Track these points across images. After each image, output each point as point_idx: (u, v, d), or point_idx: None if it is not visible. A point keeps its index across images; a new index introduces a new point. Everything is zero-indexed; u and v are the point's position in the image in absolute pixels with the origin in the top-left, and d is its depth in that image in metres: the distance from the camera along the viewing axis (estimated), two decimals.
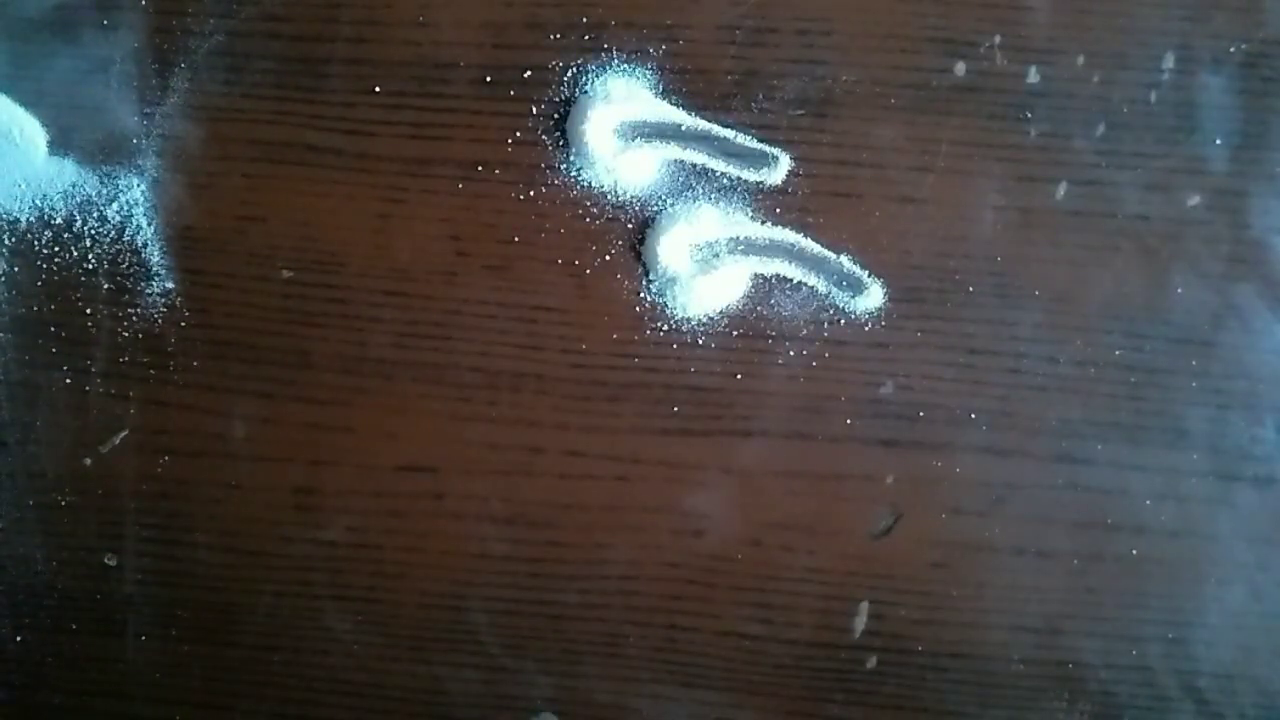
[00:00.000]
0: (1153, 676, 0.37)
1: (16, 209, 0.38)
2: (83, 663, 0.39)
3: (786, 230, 0.36)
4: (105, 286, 0.38)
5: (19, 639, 0.39)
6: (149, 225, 0.37)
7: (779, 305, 0.37)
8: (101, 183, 0.37)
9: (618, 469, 0.37)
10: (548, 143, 0.36)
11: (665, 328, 0.37)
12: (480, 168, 0.37)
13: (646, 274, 0.37)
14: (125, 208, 0.37)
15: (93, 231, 0.38)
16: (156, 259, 0.38)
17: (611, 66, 0.36)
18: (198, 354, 0.38)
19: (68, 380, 0.38)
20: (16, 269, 0.38)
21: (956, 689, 0.37)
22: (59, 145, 0.37)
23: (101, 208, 0.37)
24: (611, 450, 0.37)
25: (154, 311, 0.38)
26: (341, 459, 0.38)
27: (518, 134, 0.36)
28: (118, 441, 0.38)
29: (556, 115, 0.36)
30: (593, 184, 0.36)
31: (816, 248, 0.36)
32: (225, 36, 0.37)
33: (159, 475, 0.38)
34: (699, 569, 0.38)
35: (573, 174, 0.36)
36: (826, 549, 0.37)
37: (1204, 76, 0.35)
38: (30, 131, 0.37)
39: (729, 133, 0.36)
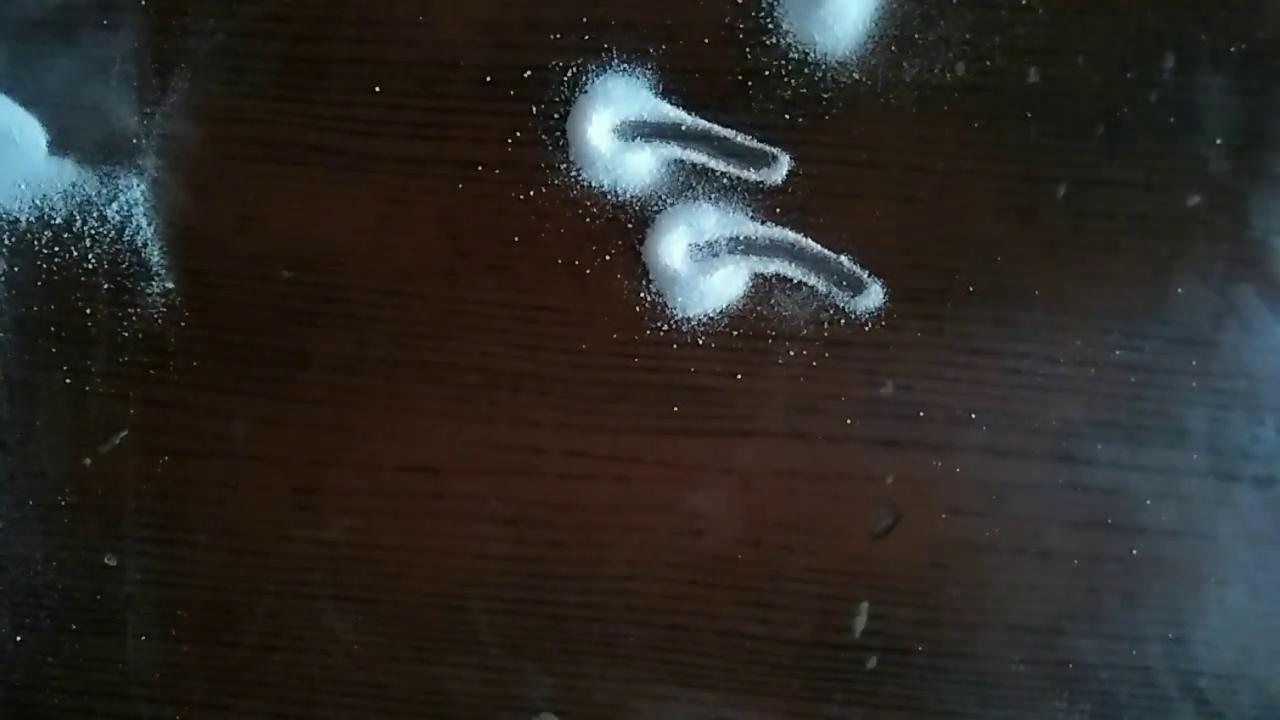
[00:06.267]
0: (1153, 676, 0.37)
1: (16, 209, 0.38)
2: (83, 663, 0.39)
3: (786, 230, 0.36)
4: (105, 286, 0.38)
5: (19, 639, 0.39)
6: (149, 225, 0.37)
7: (779, 305, 0.37)
8: (101, 182, 0.37)
9: (618, 469, 0.37)
10: (548, 143, 0.36)
11: (665, 328, 0.37)
12: (480, 168, 0.37)
13: (646, 274, 0.37)
14: (125, 207, 0.37)
15: (93, 231, 0.38)
16: (156, 259, 0.38)
17: (611, 66, 0.36)
18: (198, 354, 0.38)
19: (68, 380, 0.38)
20: (16, 269, 0.38)
21: (956, 689, 0.37)
22: (59, 145, 0.37)
23: (101, 207, 0.37)
24: (611, 450, 0.37)
25: (154, 311, 0.38)
26: (341, 459, 0.38)
27: (518, 134, 0.36)
28: (118, 441, 0.38)
29: (556, 115, 0.36)
30: (593, 184, 0.36)
31: (816, 247, 0.36)
32: (225, 36, 0.37)
33: (159, 475, 0.38)
34: (699, 569, 0.38)
35: (573, 174, 0.36)
36: (826, 549, 0.37)
37: (1204, 76, 0.35)
38: (30, 131, 0.37)
39: (729, 133, 0.36)
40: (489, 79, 0.36)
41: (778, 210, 0.36)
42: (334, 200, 0.37)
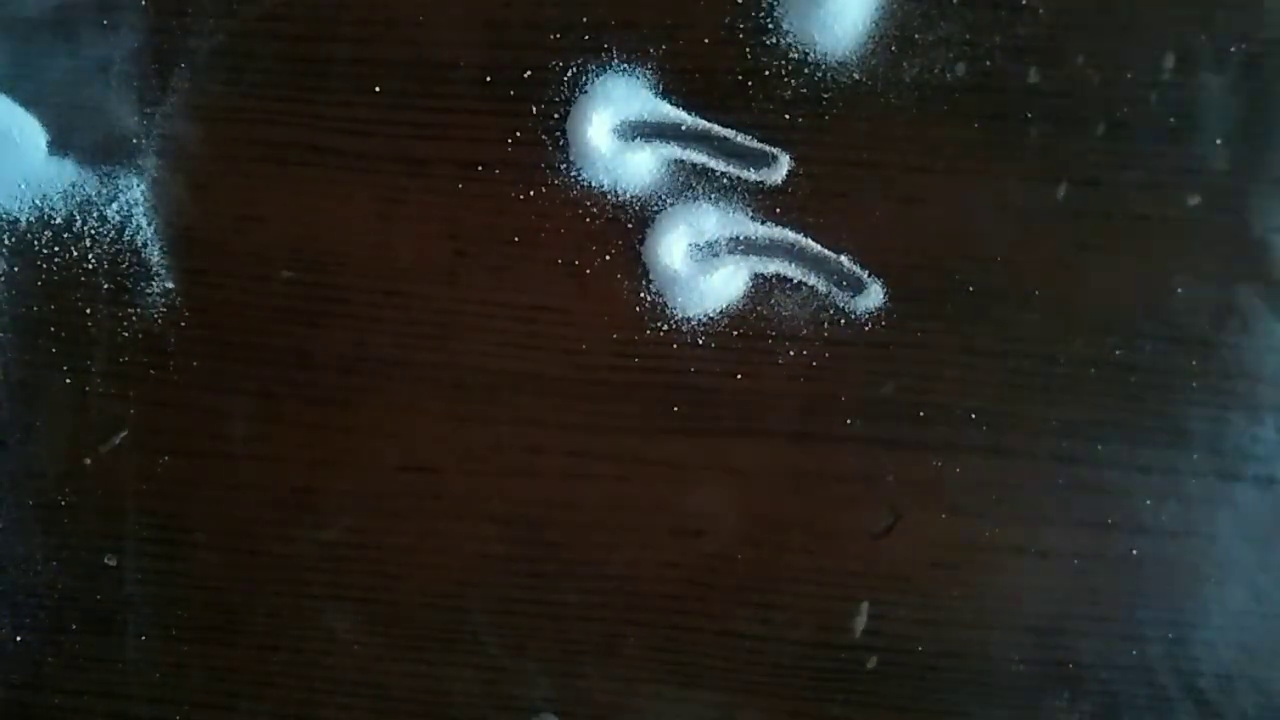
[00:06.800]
0: (1153, 676, 0.37)
1: (16, 209, 0.38)
2: (83, 663, 0.39)
3: (786, 230, 0.36)
4: (105, 286, 0.38)
5: (19, 639, 0.39)
6: (149, 225, 0.37)
7: (779, 305, 0.37)
8: (101, 182, 0.37)
9: (618, 469, 0.37)
10: (548, 143, 0.36)
11: (665, 328, 0.37)
12: (480, 168, 0.37)
13: (646, 274, 0.37)
14: (125, 208, 0.37)
15: (93, 231, 0.38)
16: (156, 259, 0.38)
17: (611, 66, 0.36)
18: (198, 354, 0.38)
19: (68, 380, 0.38)
20: (16, 269, 0.38)
21: (956, 689, 0.37)
22: (59, 145, 0.37)
23: (101, 208, 0.37)
24: (611, 450, 0.37)
25: (154, 311, 0.38)
26: (341, 459, 0.38)
27: (518, 134, 0.36)
28: (118, 441, 0.38)
29: (556, 115, 0.36)
30: (593, 184, 0.36)
31: (817, 248, 0.36)
32: (225, 36, 0.37)
33: (159, 475, 0.38)
34: (699, 569, 0.38)
35: (573, 174, 0.36)
36: (826, 549, 0.37)
37: (1204, 76, 0.35)
38: (30, 131, 0.37)
39: (729, 133, 0.36)
40: (489, 79, 0.36)
41: (778, 210, 0.36)
42: (334, 200, 0.37)
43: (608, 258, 0.37)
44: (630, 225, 0.36)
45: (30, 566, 0.39)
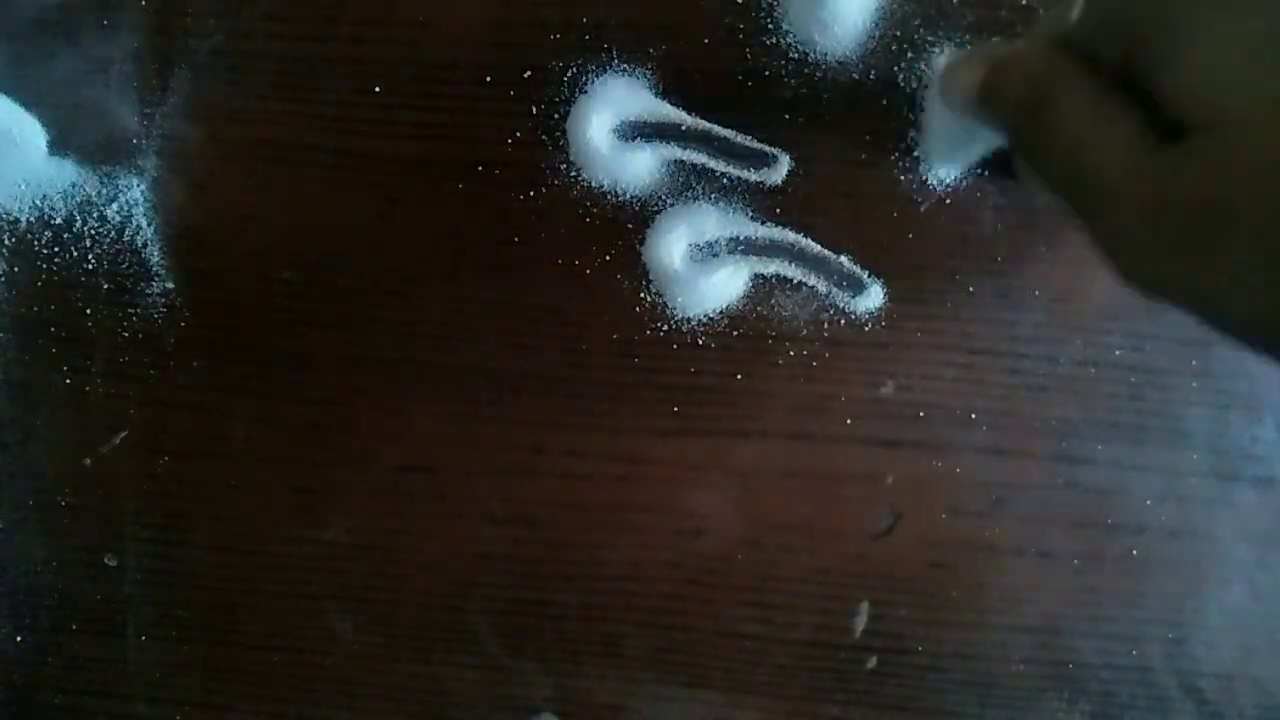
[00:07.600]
0: (1153, 676, 0.37)
1: (16, 209, 0.38)
2: (83, 663, 0.39)
3: (786, 230, 0.36)
4: (105, 286, 0.38)
5: (19, 639, 0.39)
6: (149, 225, 0.37)
7: (779, 305, 0.37)
8: (101, 183, 0.37)
9: (618, 469, 0.37)
10: (548, 143, 0.36)
11: (665, 328, 0.37)
12: (480, 168, 0.37)
13: (646, 274, 0.37)
14: (125, 208, 0.37)
15: (93, 231, 0.38)
16: (156, 259, 0.38)
17: (611, 66, 0.36)
18: (198, 354, 0.38)
19: (68, 380, 0.38)
20: (16, 269, 0.38)
21: (956, 689, 0.37)
22: (59, 145, 0.37)
23: (101, 208, 0.37)
24: (612, 450, 0.37)
25: (154, 311, 0.38)
26: (341, 459, 0.38)
27: (518, 134, 0.36)
28: (118, 441, 0.38)
29: (556, 115, 0.36)
30: (593, 184, 0.36)
31: (816, 248, 0.36)
32: (225, 36, 0.37)
33: (159, 475, 0.38)
34: (699, 569, 0.38)
35: (573, 174, 0.36)
36: (826, 549, 0.37)
37: None
38: (30, 131, 0.37)
39: (729, 133, 0.36)
40: (489, 79, 0.36)
41: (778, 210, 0.36)
42: (334, 200, 0.37)
43: (608, 258, 0.37)
44: (630, 225, 0.36)
45: (30, 566, 0.39)
